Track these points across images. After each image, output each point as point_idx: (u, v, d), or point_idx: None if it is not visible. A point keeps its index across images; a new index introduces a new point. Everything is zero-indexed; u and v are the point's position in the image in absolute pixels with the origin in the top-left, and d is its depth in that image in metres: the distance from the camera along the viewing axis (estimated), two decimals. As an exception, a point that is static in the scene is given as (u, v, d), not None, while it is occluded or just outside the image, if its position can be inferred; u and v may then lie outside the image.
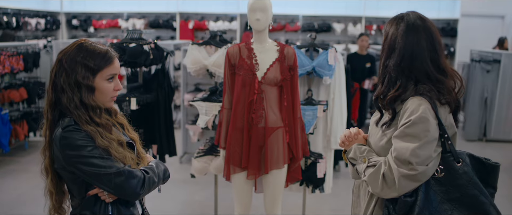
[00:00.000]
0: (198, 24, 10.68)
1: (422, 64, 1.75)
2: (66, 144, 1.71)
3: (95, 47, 1.81)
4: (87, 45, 1.81)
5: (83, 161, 1.70)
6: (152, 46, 3.89)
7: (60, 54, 1.80)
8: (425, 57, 1.75)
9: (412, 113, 1.69)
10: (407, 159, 1.66)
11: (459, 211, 1.69)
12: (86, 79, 1.77)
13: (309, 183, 3.69)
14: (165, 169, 1.98)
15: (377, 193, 1.75)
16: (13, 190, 4.92)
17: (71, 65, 1.76)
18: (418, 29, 1.78)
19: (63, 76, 1.76)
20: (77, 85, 1.76)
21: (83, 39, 1.86)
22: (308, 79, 3.74)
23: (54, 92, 1.78)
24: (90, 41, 1.85)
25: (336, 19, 10.62)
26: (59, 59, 1.78)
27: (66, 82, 1.75)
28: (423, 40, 1.76)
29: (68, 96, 1.75)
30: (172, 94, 4.34)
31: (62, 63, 1.77)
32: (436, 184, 1.72)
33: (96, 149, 1.73)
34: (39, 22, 10.09)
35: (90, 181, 1.76)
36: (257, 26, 2.98)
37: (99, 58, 1.79)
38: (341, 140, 1.99)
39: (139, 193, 1.78)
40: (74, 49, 1.79)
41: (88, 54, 1.78)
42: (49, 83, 1.80)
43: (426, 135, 1.67)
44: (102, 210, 1.81)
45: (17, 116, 6.39)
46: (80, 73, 1.76)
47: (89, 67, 1.77)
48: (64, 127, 1.73)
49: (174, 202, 4.68)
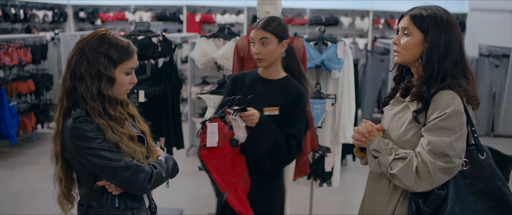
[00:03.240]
0: (205, 17, 10.66)
1: (463, 61, 1.78)
2: (76, 134, 1.71)
3: (118, 39, 1.81)
4: (110, 36, 1.80)
5: (92, 152, 1.70)
6: (160, 39, 3.88)
7: (81, 43, 1.78)
8: (464, 55, 1.80)
9: (447, 106, 1.69)
10: (444, 152, 1.66)
11: (483, 203, 1.73)
12: (108, 70, 1.76)
13: (316, 176, 3.68)
14: (174, 163, 1.98)
15: (408, 186, 1.73)
16: (21, 181, 4.95)
17: (94, 55, 1.75)
18: (455, 25, 1.79)
19: (84, 65, 1.74)
20: (98, 75, 1.75)
21: (104, 29, 1.85)
22: (316, 72, 3.72)
23: (72, 80, 1.76)
24: (112, 32, 1.84)
25: (344, 13, 10.56)
26: (81, 47, 1.77)
27: (87, 71, 1.74)
28: (458, 37, 1.79)
29: (86, 85, 1.74)
30: (180, 87, 4.33)
31: (84, 51, 1.75)
32: (461, 176, 1.74)
33: (106, 141, 1.72)
34: (47, 14, 10.11)
35: (98, 173, 1.76)
36: (266, 19, 2.97)
37: (122, 51, 1.80)
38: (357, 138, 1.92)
39: (146, 188, 1.78)
40: (97, 39, 1.78)
41: (111, 46, 1.78)
42: (67, 71, 1.78)
43: (461, 128, 1.69)
44: (109, 202, 1.81)
45: (25, 107, 6.42)
46: (103, 63, 1.75)
47: (111, 59, 1.77)
48: (75, 117, 1.73)
49: (181, 195, 4.69)
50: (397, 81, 2.00)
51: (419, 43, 1.80)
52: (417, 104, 1.78)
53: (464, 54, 1.80)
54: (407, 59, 1.85)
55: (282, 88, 2.48)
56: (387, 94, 2.03)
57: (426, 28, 1.78)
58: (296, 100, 2.44)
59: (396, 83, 2.01)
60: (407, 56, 1.84)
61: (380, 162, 1.82)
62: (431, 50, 1.76)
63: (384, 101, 2.03)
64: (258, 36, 2.39)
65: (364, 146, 1.93)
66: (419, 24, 1.80)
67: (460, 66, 1.78)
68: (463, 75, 1.78)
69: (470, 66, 1.83)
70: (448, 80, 1.74)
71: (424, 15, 1.79)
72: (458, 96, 1.71)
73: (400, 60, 1.88)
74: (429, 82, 1.76)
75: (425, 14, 1.79)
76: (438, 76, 1.75)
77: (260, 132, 2.36)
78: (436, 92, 1.73)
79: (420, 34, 1.80)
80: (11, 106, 5.86)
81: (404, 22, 1.84)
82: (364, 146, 1.93)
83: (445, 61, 1.75)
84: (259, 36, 2.39)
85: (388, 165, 1.78)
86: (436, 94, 1.73)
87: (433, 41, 1.76)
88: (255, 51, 2.40)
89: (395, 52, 1.89)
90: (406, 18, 1.84)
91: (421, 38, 1.80)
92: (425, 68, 1.78)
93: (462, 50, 1.79)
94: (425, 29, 1.78)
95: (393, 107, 1.92)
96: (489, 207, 1.73)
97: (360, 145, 1.95)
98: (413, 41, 1.81)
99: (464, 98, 1.74)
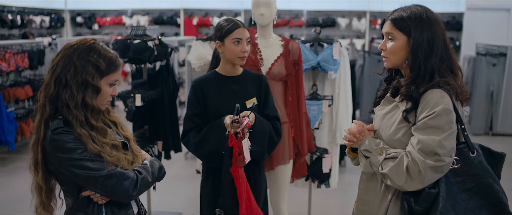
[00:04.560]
0: (202, 20, 10.67)
1: (448, 57, 1.79)
2: (56, 146, 1.69)
3: (106, 50, 1.81)
4: (99, 47, 1.80)
5: (74, 163, 1.69)
6: (156, 43, 3.89)
7: (68, 50, 1.76)
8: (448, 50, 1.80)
9: (436, 104, 1.70)
10: (434, 150, 1.67)
11: (475, 201, 1.73)
12: (95, 80, 1.75)
13: (314, 178, 3.68)
14: (160, 166, 1.95)
15: (399, 186, 1.74)
16: (20, 187, 4.94)
17: (82, 63, 1.73)
18: (437, 21, 1.80)
19: (70, 72, 1.72)
20: (84, 84, 1.73)
21: (92, 38, 1.84)
22: (313, 74, 3.72)
23: (56, 86, 1.74)
24: (101, 43, 1.84)
25: (341, 14, 10.57)
26: (68, 54, 1.75)
27: (74, 79, 1.72)
28: (442, 33, 1.79)
29: (71, 93, 1.72)
30: (176, 91, 4.34)
31: (72, 58, 1.74)
32: (452, 175, 1.74)
33: (86, 151, 1.70)
34: (44, 20, 10.11)
35: (82, 183, 1.74)
36: (261, 21, 2.98)
37: (110, 62, 1.79)
38: (348, 138, 1.93)
39: (132, 195, 1.77)
40: (86, 48, 1.77)
41: (100, 56, 1.77)
42: (51, 77, 1.75)
43: (451, 126, 1.70)
44: (95, 211, 1.79)
45: (23, 113, 6.41)
46: (90, 72, 1.74)
47: (99, 69, 1.76)
48: (53, 129, 1.71)
49: (179, 198, 4.68)
50: (388, 82, 2.02)
51: (404, 46, 1.81)
52: (406, 104, 1.79)
53: (449, 49, 1.80)
54: (396, 63, 1.87)
55: (249, 79, 2.63)
56: (378, 95, 2.05)
57: (408, 30, 1.79)
58: (266, 85, 2.65)
59: (387, 84, 2.03)
60: (395, 60, 1.86)
61: (371, 162, 1.83)
62: (416, 50, 1.77)
63: (375, 101, 2.04)
64: (246, 35, 2.54)
65: (355, 146, 1.94)
66: (401, 27, 1.81)
67: (446, 62, 1.78)
68: (450, 71, 1.79)
69: (456, 60, 1.83)
70: (436, 79, 1.74)
71: (404, 16, 1.80)
72: (447, 94, 1.72)
73: (389, 65, 1.90)
74: (417, 82, 1.77)
75: (405, 15, 1.81)
76: (425, 75, 1.76)
77: (259, 129, 2.48)
78: (425, 92, 1.74)
79: (403, 36, 1.81)
80: (9, 112, 5.86)
81: (387, 27, 1.86)
82: (355, 146, 1.94)
83: (431, 59, 1.76)
84: (247, 36, 2.54)
85: (379, 165, 1.79)
86: (425, 93, 1.74)
87: (416, 41, 1.77)
88: (244, 50, 2.53)
89: (383, 57, 1.90)
90: (387, 23, 1.86)
91: (405, 41, 1.81)
92: (412, 68, 1.80)
93: (446, 46, 1.80)
94: (407, 31, 1.80)
95: (384, 107, 1.92)
96: (481, 204, 1.73)
97: (352, 145, 1.96)
98: (398, 45, 1.82)
99: (453, 96, 1.74)
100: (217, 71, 2.66)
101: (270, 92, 2.66)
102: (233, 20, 2.55)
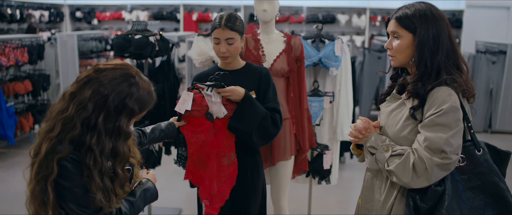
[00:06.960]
0: (202, 16, 10.65)
1: (454, 52, 1.79)
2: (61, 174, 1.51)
3: (144, 89, 1.60)
4: (139, 82, 1.58)
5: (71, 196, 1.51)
6: (158, 38, 3.88)
7: (104, 81, 1.50)
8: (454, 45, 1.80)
9: (443, 102, 1.69)
10: (441, 148, 1.66)
11: (480, 199, 1.73)
12: (127, 126, 1.55)
13: (315, 174, 3.69)
14: (152, 193, 1.78)
15: (405, 183, 1.73)
16: (19, 182, 4.91)
17: (118, 107, 1.52)
18: (442, 18, 1.80)
19: (102, 115, 1.49)
20: (116, 132, 1.53)
21: (129, 65, 1.61)
22: (314, 70, 3.72)
23: (83, 127, 1.49)
24: (140, 74, 1.63)
25: (341, 11, 10.57)
26: (104, 94, 1.50)
27: (106, 125, 1.50)
28: (447, 29, 1.79)
29: (100, 140, 1.50)
30: (177, 86, 4.33)
31: (107, 99, 1.50)
32: (458, 173, 1.74)
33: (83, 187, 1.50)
34: (43, 14, 10.08)
35: None
36: (264, 17, 2.97)
37: (143, 106, 1.61)
38: (354, 134, 1.93)
39: None
40: (127, 85, 1.54)
41: (137, 100, 1.57)
42: (78, 112, 1.49)
43: (458, 124, 1.69)
44: None
45: (22, 108, 6.40)
46: (125, 119, 1.54)
47: (133, 112, 1.56)
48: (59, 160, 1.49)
49: (180, 194, 4.68)
50: (394, 80, 2.01)
51: (410, 43, 1.81)
52: (413, 101, 1.79)
53: (454, 45, 1.80)
54: (403, 61, 1.87)
55: (249, 73, 2.61)
56: (383, 92, 2.04)
57: (413, 28, 1.79)
58: (266, 78, 2.61)
59: (392, 82, 2.02)
60: (402, 59, 1.86)
61: (377, 158, 1.82)
62: (422, 47, 1.77)
63: (381, 98, 2.03)
64: (225, 36, 2.47)
65: (361, 143, 1.94)
66: (406, 25, 1.81)
67: (452, 59, 1.78)
68: (456, 67, 1.79)
69: (461, 55, 1.83)
70: (443, 76, 1.74)
71: (409, 14, 1.80)
72: (454, 92, 1.72)
73: (396, 64, 1.90)
74: (423, 79, 1.77)
75: (410, 13, 1.80)
76: (432, 72, 1.76)
77: (246, 106, 2.45)
78: (432, 89, 1.73)
79: (409, 34, 1.81)
80: (8, 107, 5.85)
81: (392, 26, 1.86)
82: (361, 142, 1.93)
83: (437, 56, 1.76)
84: (226, 36, 2.47)
85: (385, 162, 1.78)
86: (432, 91, 1.73)
87: (422, 39, 1.77)
88: (223, 51, 2.49)
89: (390, 56, 1.90)
90: (392, 22, 1.86)
91: (411, 38, 1.80)
92: (418, 65, 1.79)
93: (452, 42, 1.80)
94: (412, 29, 1.79)
95: (390, 104, 1.92)
96: (486, 202, 1.73)
97: (357, 142, 1.95)
98: (404, 43, 1.82)
99: (460, 93, 1.74)
100: (218, 65, 2.68)
101: (271, 86, 2.63)
102: (220, 18, 2.50)
